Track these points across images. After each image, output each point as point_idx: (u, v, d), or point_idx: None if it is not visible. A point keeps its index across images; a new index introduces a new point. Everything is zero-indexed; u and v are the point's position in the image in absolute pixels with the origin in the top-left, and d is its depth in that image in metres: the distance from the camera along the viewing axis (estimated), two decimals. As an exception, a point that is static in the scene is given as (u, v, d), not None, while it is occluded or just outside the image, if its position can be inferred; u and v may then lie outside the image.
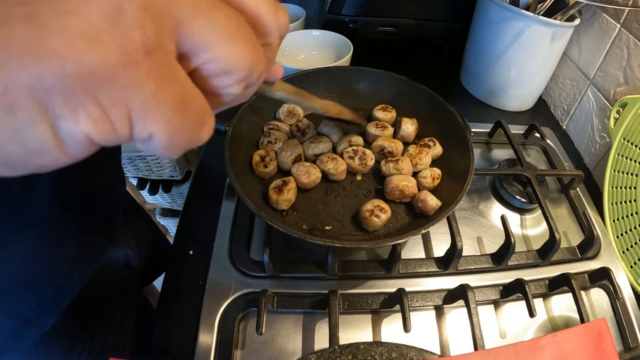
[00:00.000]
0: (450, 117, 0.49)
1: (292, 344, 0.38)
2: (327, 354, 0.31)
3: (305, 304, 0.40)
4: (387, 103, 0.55)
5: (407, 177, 0.45)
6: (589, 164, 0.60)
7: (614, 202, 0.49)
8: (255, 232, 0.47)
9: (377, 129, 0.51)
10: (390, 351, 0.31)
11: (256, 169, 0.46)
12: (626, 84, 0.52)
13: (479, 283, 0.42)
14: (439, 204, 0.42)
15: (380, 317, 0.41)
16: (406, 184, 0.44)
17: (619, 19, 0.53)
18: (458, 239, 0.41)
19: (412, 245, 0.47)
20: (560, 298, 0.43)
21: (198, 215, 0.50)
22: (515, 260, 0.44)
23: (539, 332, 0.41)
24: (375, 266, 0.43)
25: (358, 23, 0.74)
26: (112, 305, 0.51)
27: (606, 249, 0.47)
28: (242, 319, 0.40)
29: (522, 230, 0.50)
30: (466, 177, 0.42)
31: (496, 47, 0.62)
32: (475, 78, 0.70)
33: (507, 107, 0.68)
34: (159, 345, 0.39)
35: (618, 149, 0.49)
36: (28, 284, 0.35)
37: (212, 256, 0.44)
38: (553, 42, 0.58)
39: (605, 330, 0.32)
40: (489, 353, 0.31)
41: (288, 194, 0.43)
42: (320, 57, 0.77)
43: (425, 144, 0.49)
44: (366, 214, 0.42)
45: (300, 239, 0.36)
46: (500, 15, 0.59)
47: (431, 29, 0.75)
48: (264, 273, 0.42)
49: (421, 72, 0.62)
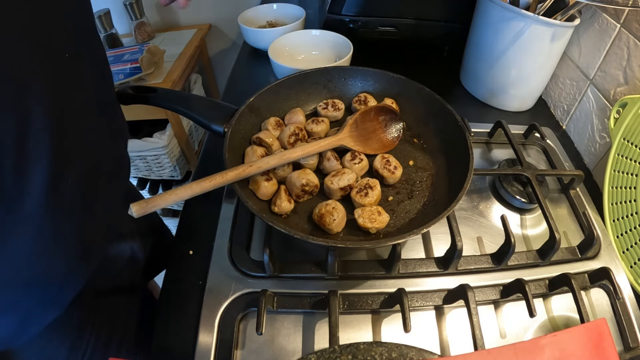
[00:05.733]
0: (450, 117, 0.49)
1: (292, 344, 0.38)
2: (327, 354, 0.31)
3: (305, 304, 0.40)
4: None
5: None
6: (589, 164, 0.60)
7: (614, 202, 0.49)
8: (255, 232, 0.47)
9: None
10: (390, 351, 0.31)
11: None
12: (626, 84, 0.52)
13: (479, 283, 0.42)
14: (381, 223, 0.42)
15: (380, 317, 0.41)
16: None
17: (619, 19, 0.53)
18: (458, 239, 0.41)
19: (412, 245, 0.47)
20: (560, 298, 0.43)
21: (198, 215, 0.50)
22: (515, 260, 0.44)
23: (539, 332, 0.41)
24: (375, 266, 0.43)
25: (358, 23, 0.74)
26: (117, 300, 0.51)
27: (606, 249, 0.47)
28: (242, 319, 0.40)
29: (522, 230, 0.50)
30: (466, 177, 0.42)
31: (496, 47, 0.62)
32: (475, 78, 0.70)
33: (507, 107, 0.68)
34: (159, 345, 0.39)
35: (618, 149, 0.49)
36: (30, 279, 0.36)
37: (212, 256, 0.44)
38: (553, 42, 0.58)
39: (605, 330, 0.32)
40: (489, 353, 0.31)
41: (284, 204, 0.44)
42: (320, 57, 0.77)
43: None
44: (316, 218, 0.42)
45: (301, 239, 0.36)
46: (500, 15, 0.59)
47: (431, 29, 0.75)
48: (264, 273, 0.42)
49: (421, 72, 0.62)
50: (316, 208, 0.43)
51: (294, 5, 0.92)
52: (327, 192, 0.46)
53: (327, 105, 0.56)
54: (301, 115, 0.54)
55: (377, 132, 0.52)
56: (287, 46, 0.75)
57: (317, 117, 0.54)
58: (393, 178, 0.47)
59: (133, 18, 1.24)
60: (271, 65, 0.70)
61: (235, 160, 0.46)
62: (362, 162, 0.48)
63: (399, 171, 0.48)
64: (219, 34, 1.45)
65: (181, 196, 0.37)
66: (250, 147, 0.47)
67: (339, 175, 0.46)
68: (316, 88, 0.58)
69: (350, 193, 0.45)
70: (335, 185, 0.45)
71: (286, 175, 0.46)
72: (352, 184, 0.45)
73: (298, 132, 0.50)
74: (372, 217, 0.42)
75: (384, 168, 0.47)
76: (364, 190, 0.44)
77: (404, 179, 0.49)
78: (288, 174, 0.46)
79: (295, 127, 0.50)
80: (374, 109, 0.52)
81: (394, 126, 0.53)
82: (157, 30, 1.36)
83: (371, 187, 0.45)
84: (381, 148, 0.52)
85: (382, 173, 0.47)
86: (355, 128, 0.50)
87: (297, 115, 0.54)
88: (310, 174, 0.45)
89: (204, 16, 1.39)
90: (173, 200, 0.37)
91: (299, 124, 0.52)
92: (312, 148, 0.46)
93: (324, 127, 0.52)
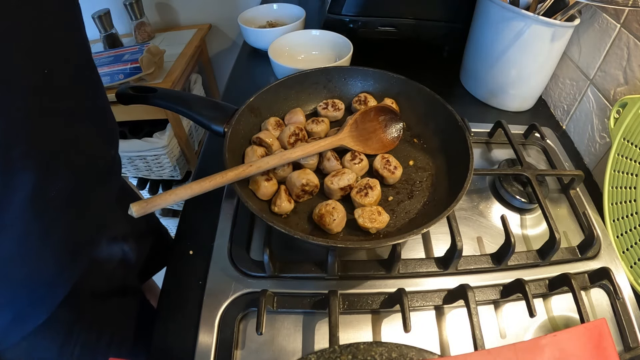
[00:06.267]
0: (450, 117, 0.49)
1: (292, 344, 0.38)
2: (327, 354, 0.31)
3: (305, 304, 0.40)
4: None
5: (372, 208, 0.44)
6: (589, 164, 0.60)
7: (614, 202, 0.49)
8: (255, 232, 0.47)
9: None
10: (390, 351, 0.31)
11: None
12: (626, 84, 0.52)
13: (479, 283, 0.42)
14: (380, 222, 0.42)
15: (380, 317, 0.41)
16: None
17: (619, 19, 0.53)
18: (458, 239, 0.41)
19: (412, 245, 0.47)
20: (560, 298, 0.43)
21: (198, 215, 0.50)
22: (515, 260, 0.44)
23: (539, 332, 0.41)
24: (375, 266, 0.43)
25: (358, 23, 0.74)
26: (109, 300, 0.51)
27: (606, 249, 0.47)
28: (242, 319, 0.40)
29: (522, 230, 0.50)
30: (466, 177, 0.42)
31: (496, 47, 0.62)
32: (475, 78, 0.70)
33: (507, 107, 0.68)
34: (159, 345, 0.39)
35: (618, 149, 0.49)
36: (18, 280, 0.36)
37: (212, 256, 0.44)
38: (553, 42, 0.58)
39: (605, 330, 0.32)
40: (489, 353, 0.31)
41: (284, 204, 0.44)
42: (320, 57, 0.77)
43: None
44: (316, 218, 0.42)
45: (301, 239, 0.36)
46: (500, 15, 0.59)
47: (431, 29, 0.75)
48: (264, 273, 0.42)
49: (421, 72, 0.62)
50: (316, 208, 0.43)
51: (294, 5, 0.92)
52: (327, 192, 0.46)
53: (327, 105, 0.56)
54: (301, 115, 0.54)
55: (377, 132, 0.52)
56: (287, 46, 0.75)
57: (317, 117, 0.54)
58: (393, 178, 0.47)
59: (133, 18, 1.24)
60: (271, 65, 0.70)
61: (235, 160, 0.46)
62: (362, 162, 0.48)
63: (399, 171, 0.48)
64: (219, 34, 1.45)
65: (181, 196, 0.37)
66: (250, 147, 0.47)
67: (339, 175, 0.46)
68: (316, 88, 0.58)
69: (350, 193, 0.45)
70: (335, 185, 0.45)
71: (286, 175, 0.46)
72: (352, 184, 0.45)
73: (298, 132, 0.50)
74: (372, 217, 0.42)
75: (384, 168, 0.47)
76: (364, 190, 0.44)
77: (404, 179, 0.49)
78: (288, 174, 0.46)
79: (295, 127, 0.50)
80: (374, 109, 0.52)
81: (394, 126, 0.53)
82: (157, 30, 1.36)
83: (371, 187, 0.45)
84: (381, 148, 0.52)
85: (382, 173, 0.47)
86: (355, 128, 0.50)
87: (297, 115, 0.54)
88: (310, 174, 0.45)
89: (204, 16, 1.39)
90: (173, 200, 0.37)
91: (299, 124, 0.52)
92: (312, 148, 0.46)
93: (324, 127, 0.52)
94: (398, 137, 0.53)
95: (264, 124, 0.52)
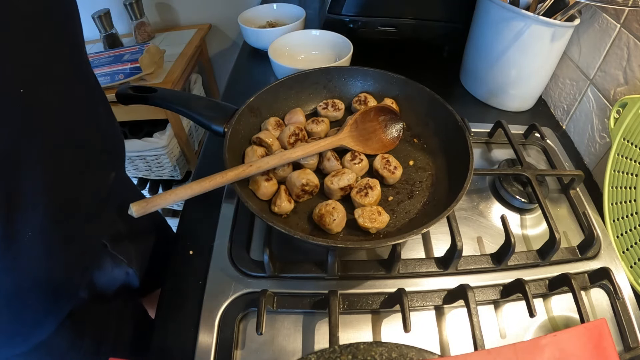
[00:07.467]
0: (450, 117, 0.49)
1: (292, 344, 0.38)
2: (327, 354, 0.31)
3: (305, 304, 0.40)
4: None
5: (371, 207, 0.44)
6: (589, 164, 0.60)
7: (614, 202, 0.49)
8: (255, 233, 0.47)
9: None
10: (390, 351, 0.31)
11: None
12: (626, 84, 0.52)
13: (479, 283, 0.42)
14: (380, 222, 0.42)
15: (380, 317, 0.41)
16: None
17: (619, 19, 0.53)
18: (458, 239, 0.41)
19: (412, 245, 0.47)
20: (560, 298, 0.43)
21: (198, 215, 0.50)
22: (515, 260, 0.44)
23: (539, 332, 0.41)
24: (375, 266, 0.43)
25: (358, 23, 0.74)
26: (107, 314, 0.51)
27: (606, 249, 0.47)
28: (242, 319, 0.40)
29: (522, 230, 0.50)
30: (466, 177, 0.42)
31: (496, 47, 0.62)
32: (475, 78, 0.70)
33: (507, 107, 0.68)
34: (159, 345, 0.39)
35: (618, 149, 0.49)
36: (25, 292, 0.35)
37: (212, 256, 0.44)
38: (553, 42, 0.58)
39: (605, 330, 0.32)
40: (489, 353, 0.31)
41: (284, 204, 0.43)
42: (320, 57, 0.77)
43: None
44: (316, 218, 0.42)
45: (301, 239, 0.36)
46: (500, 15, 0.59)
47: (431, 29, 0.75)
48: (264, 273, 0.42)
49: (421, 72, 0.62)
50: (316, 208, 0.43)
51: (294, 5, 0.92)
52: (327, 192, 0.46)
53: (327, 105, 0.56)
54: (301, 115, 0.54)
55: (377, 132, 0.52)
56: (287, 46, 0.75)
57: (317, 117, 0.54)
58: (393, 178, 0.47)
59: (133, 18, 1.24)
60: (271, 65, 0.70)
61: (235, 160, 0.46)
62: (362, 162, 0.48)
63: (399, 171, 0.48)
64: (219, 34, 1.45)
65: (181, 196, 0.37)
66: (250, 147, 0.47)
67: (339, 175, 0.46)
68: (316, 88, 0.58)
69: (350, 193, 0.45)
70: (335, 185, 0.45)
71: (286, 175, 0.46)
72: (352, 184, 0.45)
73: (298, 132, 0.50)
74: (372, 217, 0.42)
75: (384, 168, 0.47)
76: (364, 190, 0.44)
77: (404, 179, 0.49)
78: (288, 174, 0.46)
79: (295, 127, 0.50)
80: (374, 109, 0.52)
81: (394, 126, 0.53)
82: (157, 30, 1.36)
83: (371, 187, 0.45)
84: (381, 148, 0.52)
85: (382, 173, 0.47)
86: (355, 128, 0.50)
87: (297, 115, 0.54)
88: (310, 174, 0.45)
89: (204, 16, 1.39)
90: (173, 200, 0.37)
91: (299, 124, 0.52)
92: (312, 148, 0.46)
93: (324, 127, 0.52)
94: (398, 137, 0.53)
95: (264, 124, 0.52)
